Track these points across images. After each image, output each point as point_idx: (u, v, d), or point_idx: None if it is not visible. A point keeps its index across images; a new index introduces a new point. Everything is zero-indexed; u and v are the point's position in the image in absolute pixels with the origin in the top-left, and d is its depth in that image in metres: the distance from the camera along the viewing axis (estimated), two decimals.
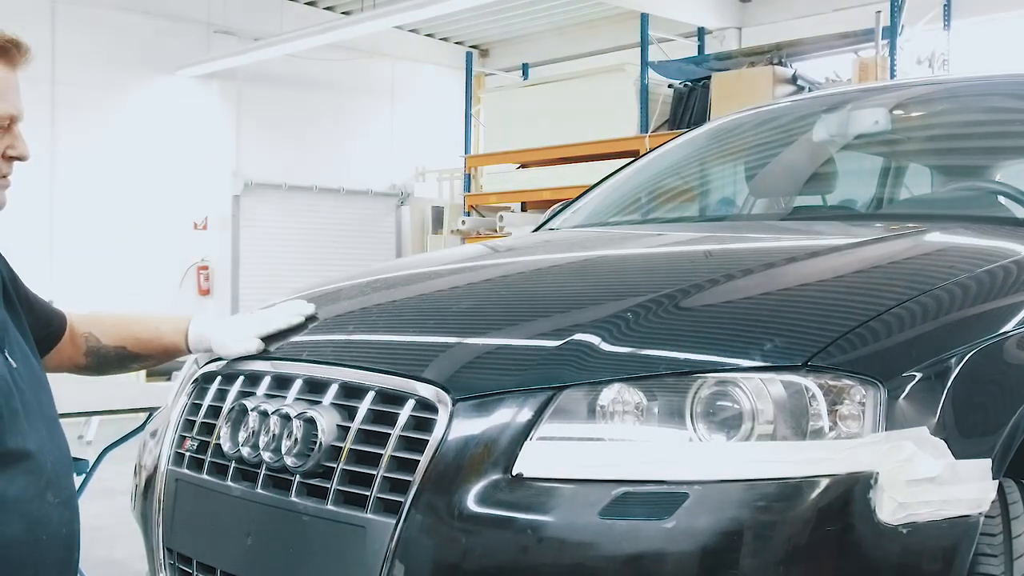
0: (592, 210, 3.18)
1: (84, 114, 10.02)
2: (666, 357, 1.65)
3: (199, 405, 2.02)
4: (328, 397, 1.78)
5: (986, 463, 1.60)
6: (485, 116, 10.65)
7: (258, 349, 1.98)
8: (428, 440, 1.63)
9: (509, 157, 9.92)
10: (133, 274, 10.22)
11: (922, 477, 1.54)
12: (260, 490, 1.80)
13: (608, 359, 1.64)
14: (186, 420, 2.04)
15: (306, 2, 11.35)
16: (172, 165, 10.69)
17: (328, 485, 1.71)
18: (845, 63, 8.19)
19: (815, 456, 1.52)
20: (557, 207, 3.35)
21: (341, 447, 1.71)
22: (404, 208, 12.54)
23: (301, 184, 11.62)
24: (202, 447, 1.96)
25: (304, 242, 11.58)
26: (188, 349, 2.07)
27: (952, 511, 1.56)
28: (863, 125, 3.08)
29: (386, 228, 12.47)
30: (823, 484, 1.50)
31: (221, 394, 1.98)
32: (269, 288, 10.49)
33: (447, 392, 1.65)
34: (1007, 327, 1.77)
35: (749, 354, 1.60)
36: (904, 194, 3.13)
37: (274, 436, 1.78)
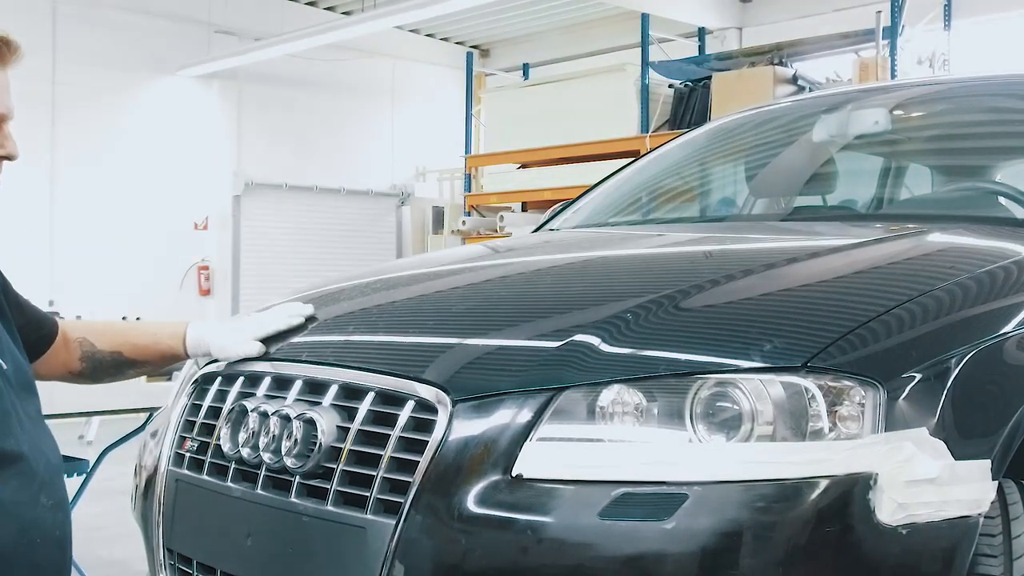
0: (592, 210, 3.18)
1: (84, 114, 10.02)
2: (666, 358, 1.65)
3: (199, 406, 2.02)
4: (328, 398, 1.79)
5: (986, 464, 1.60)
6: (486, 116, 10.65)
7: (259, 352, 1.97)
8: (428, 441, 1.63)
9: (510, 157, 9.92)
10: (133, 274, 10.22)
11: (922, 478, 1.54)
12: (260, 491, 1.81)
13: (608, 360, 1.64)
14: (186, 421, 2.04)
15: (307, 2, 11.35)
16: (173, 165, 10.69)
17: (328, 486, 1.71)
18: (846, 63, 8.19)
19: (814, 457, 1.52)
20: (557, 207, 3.35)
21: (341, 448, 1.71)
22: (404, 208, 12.54)
23: (302, 184, 11.62)
24: (202, 448, 1.96)
25: (305, 242, 11.58)
26: (186, 354, 2.05)
27: (952, 512, 1.56)
28: (863, 125, 3.08)
29: (386, 228, 12.47)
30: (823, 485, 1.50)
31: (221, 395, 1.98)
32: (270, 288, 10.49)
33: (447, 393, 1.66)
34: (1007, 328, 1.77)
35: (749, 355, 1.60)
36: (904, 194, 3.13)
37: (274, 437, 1.79)
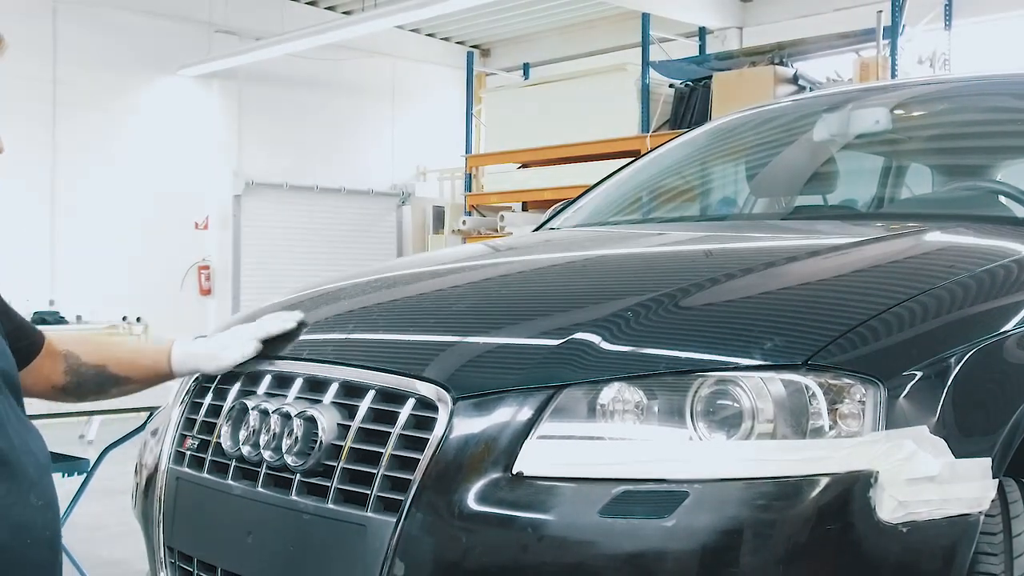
0: (593, 209, 3.18)
1: (85, 113, 10.01)
2: (666, 356, 1.65)
3: (200, 404, 2.02)
4: (328, 396, 1.79)
5: (986, 462, 1.60)
6: (486, 116, 10.65)
7: (256, 350, 1.96)
8: (428, 439, 1.63)
9: (510, 157, 9.92)
10: (134, 274, 10.22)
11: (922, 476, 1.54)
12: (261, 489, 1.81)
13: (608, 358, 1.64)
14: (187, 419, 2.04)
15: (307, 2, 11.35)
16: (173, 165, 10.69)
17: (328, 484, 1.71)
18: (846, 63, 8.19)
19: (815, 455, 1.52)
20: (558, 207, 3.35)
21: (342, 446, 1.71)
22: (405, 208, 12.54)
23: (302, 184, 11.62)
24: (203, 446, 1.96)
25: (305, 242, 11.58)
26: (171, 371, 2.00)
27: (952, 510, 1.56)
28: (864, 125, 3.08)
29: (387, 228, 12.47)
30: (823, 483, 1.50)
31: (222, 393, 1.98)
32: (270, 288, 10.48)
33: (447, 391, 1.66)
34: (1007, 326, 1.77)
35: (749, 353, 1.60)
36: (905, 194, 3.13)
37: (275, 435, 1.79)
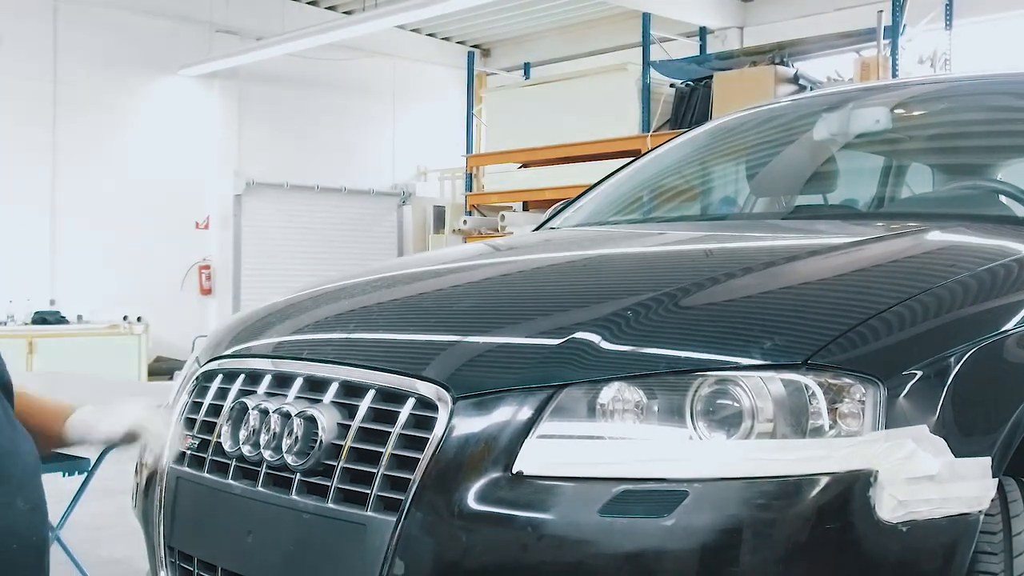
0: (593, 209, 3.18)
1: (85, 113, 10.02)
2: (666, 355, 1.65)
3: (200, 403, 2.02)
4: (329, 395, 1.79)
5: (986, 461, 1.60)
6: (487, 116, 10.65)
7: (122, 437, 1.79)
8: (428, 438, 1.63)
9: (511, 157, 9.92)
10: (134, 273, 10.23)
11: (922, 475, 1.53)
12: (261, 488, 1.81)
13: (608, 357, 1.64)
14: (187, 418, 2.04)
15: (308, 2, 11.35)
16: (174, 164, 10.70)
17: (329, 483, 1.71)
18: (847, 63, 8.19)
19: (815, 454, 1.52)
20: (558, 206, 3.35)
21: (342, 445, 1.71)
22: (406, 208, 12.55)
23: (303, 183, 11.62)
24: (203, 445, 1.96)
25: (306, 241, 11.59)
26: (64, 435, 1.80)
27: (952, 509, 1.56)
28: (864, 124, 3.08)
29: (388, 227, 12.48)
30: (823, 482, 1.50)
31: (222, 392, 1.98)
32: (271, 287, 10.48)
33: (447, 390, 1.66)
34: (1007, 325, 1.77)
35: (749, 352, 1.60)
36: (905, 193, 3.13)
37: (275, 434, 1.79)
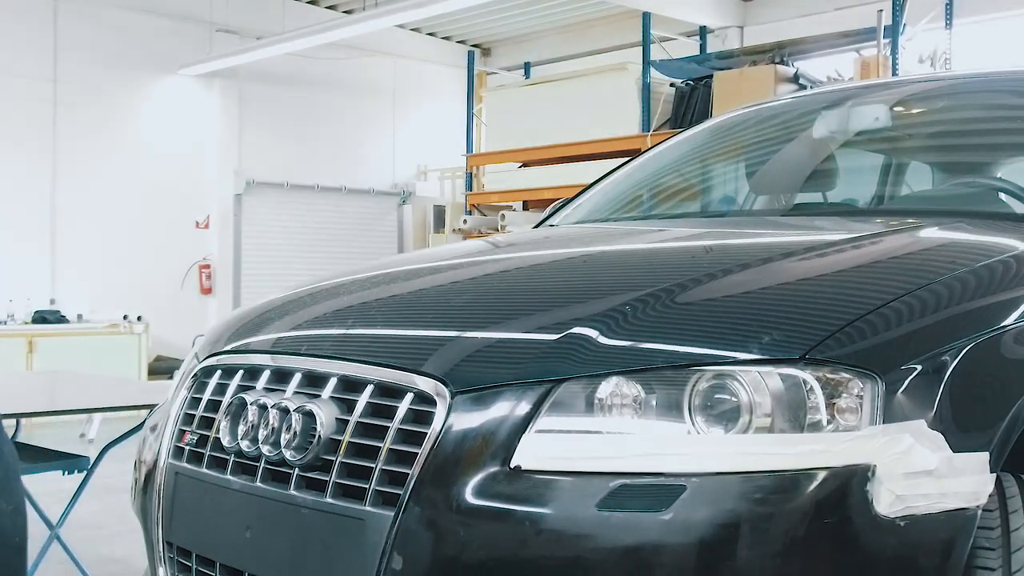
0: (592, 207, 3.19)
1: (86, 113, 10.03)
2: (664, 350, 1.65)
3: (199, 399, 2.02)
4: (327, 391, 1.79)
5: (984, 456, 1.60)
6: (487, 115, 10.66)
7: None
8: (427, 433, 1.63)
9: (511, 156, 9.93)
10: (135, 273, 10.24)
11: (920, 470, 1.53)
12: (259, 483, 1.81)
13: (606, 352, 1.65)
14: (186, 414, 2.05)
15: (308, 1, 11.36)
16: (174, 164, 10.71)
17: (327, 478, 1.71)
18: (847, 62, 8.20)
19: (812, 449, 1.52)
20: (557, 204, 3.36)
21: (340, 440, 1.72)
22: (406, 207, 12.55)
23: (303, 183, 11.63)
24: (201, 441, 1.97)
25: (306, 241, 11.60)
26: None
27: (950, 504, 1.56)
28: (863, 121, 3.08)
29: (388, 227, 12.49)
30: (820, 477, 1.50)
31: (220, 388, 1.99)
32: (271, 286, 10.48)
33: (446, 385, 1.66)
34: (1005, 321, 1.77)
35: (747, 347, 1.60)
36: (904, 190, 3.13)
37: (273, 429, 1.79)
